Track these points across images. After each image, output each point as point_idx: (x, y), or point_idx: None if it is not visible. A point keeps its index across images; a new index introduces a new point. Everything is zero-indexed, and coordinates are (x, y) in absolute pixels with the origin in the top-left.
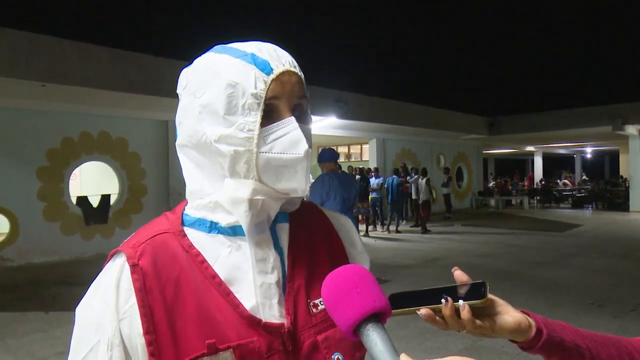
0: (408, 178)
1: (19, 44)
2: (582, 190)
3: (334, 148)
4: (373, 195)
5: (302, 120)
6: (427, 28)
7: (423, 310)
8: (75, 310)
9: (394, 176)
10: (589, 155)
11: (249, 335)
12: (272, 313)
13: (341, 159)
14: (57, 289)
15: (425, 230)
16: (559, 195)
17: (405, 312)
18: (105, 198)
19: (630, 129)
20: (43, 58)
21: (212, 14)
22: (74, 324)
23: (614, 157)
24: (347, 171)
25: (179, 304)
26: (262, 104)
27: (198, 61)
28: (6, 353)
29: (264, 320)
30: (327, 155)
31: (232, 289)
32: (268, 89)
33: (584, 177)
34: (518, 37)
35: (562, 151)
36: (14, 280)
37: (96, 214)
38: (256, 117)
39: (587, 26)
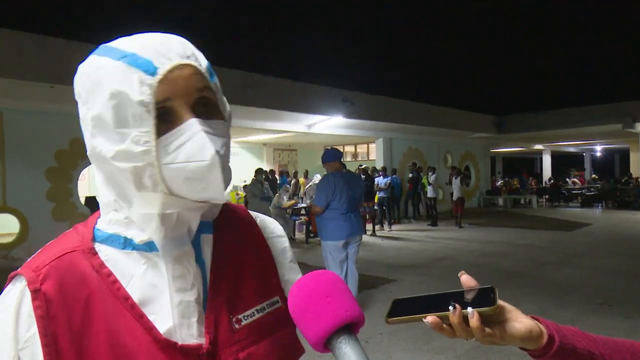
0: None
1: (27, 46)
2: (592, 189)
3: (339, 148)
4: (380, 195)
5: (210, 114)
6: (434, 27)
7: (430, 318)
8: None
9: (397, 176)
10: (598, 154)
11: None
12: (191, 333)
13: (348, 158)
14: None
15: (460, 226)
16: (568, 194)
17: (410, 319)
18: None
19: None
20: (51, 60)
21: (216, 13)
22: None
23: (624, 156)
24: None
25: (88, 330)
26: (152, 111)
27: (81, 67)
28: None
29: (180, 343)
30: (330, 156)
31: (147, 310)
32: (156, 92)
33: (594, 175)
34: (526, 35)
35: (571, 149)
36: None
37: None
38: (149, 126)
39: (595, 24)
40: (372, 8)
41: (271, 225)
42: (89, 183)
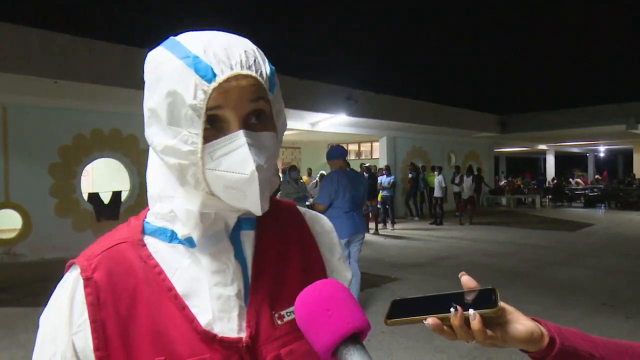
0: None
1: (31, 41)
2: (595, 190)
3: (343, 145)
4: (384, 194)
5: (262, 125)
6: (439, 25)
7: (430, 320)
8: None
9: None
10: (602, 154)
11: (202, 351)
12: (231, 327)
13: (351, 157)
14: None
15: (471, 222)
16: (571, 194)
17: (410, 320)
18: (116, 194)
19: None
20: (55, 55)
21: (222, 10)
22: (36, 333)
23: (627, 156)
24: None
25: (134, 318)
26: (202, 116)
27: (150, 56)
28: (18, 348)
29: (219, 335)
30: (335, 153)
31: (189, 302)
32: (209, 98)
33: (597, 176)
34: (531, 34)
35: (574, 150)
36: (26, 275)
37: (107, 211)
38: (198, 129)
39: (601, 23)
40: (377, 7)
41: (321, 221)
42: (92, 179)
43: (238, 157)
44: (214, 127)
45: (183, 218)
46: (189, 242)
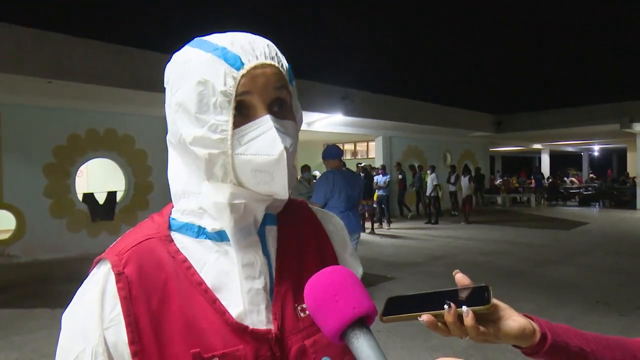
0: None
1: (25, 40)
2: (589, 188)
3: (339, 145)
4: (380, 193)
5: (283, 114)
6: (435, 25)
7: (424, 317)
8: (61, 317)
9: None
10: (596, 153)
11: (235, 343)
12: (260, 319)
13: (347, 157)
14: (63, 286)
15: (468, 222)
16: (566, 193)
17: (405, 317)
18: (111, 195)
19: (638, 127)
20: (49, 55)
21: (219, 10)
22: (59, 331)
23: (621, 155)
24: (355, 170)
25: (165, 312)
26: (232, 102)
27: (175, 56)
28: (11, 350)
29: (251, 327)
30: (331, 153)
31: (219, 295)
32: (238, 85)
33: (591, 175)
34: (526, 34)
35: (569, 149)
36: (20, 276)
37: (102, 211)
38: (228, 116)
39: (596, 24)
40: (374, 6)
41: (332, 219)
42: (87, 179)
43: (266, 139)
44: (241, 114)
45: (213, 211)
46: (218, 235)
